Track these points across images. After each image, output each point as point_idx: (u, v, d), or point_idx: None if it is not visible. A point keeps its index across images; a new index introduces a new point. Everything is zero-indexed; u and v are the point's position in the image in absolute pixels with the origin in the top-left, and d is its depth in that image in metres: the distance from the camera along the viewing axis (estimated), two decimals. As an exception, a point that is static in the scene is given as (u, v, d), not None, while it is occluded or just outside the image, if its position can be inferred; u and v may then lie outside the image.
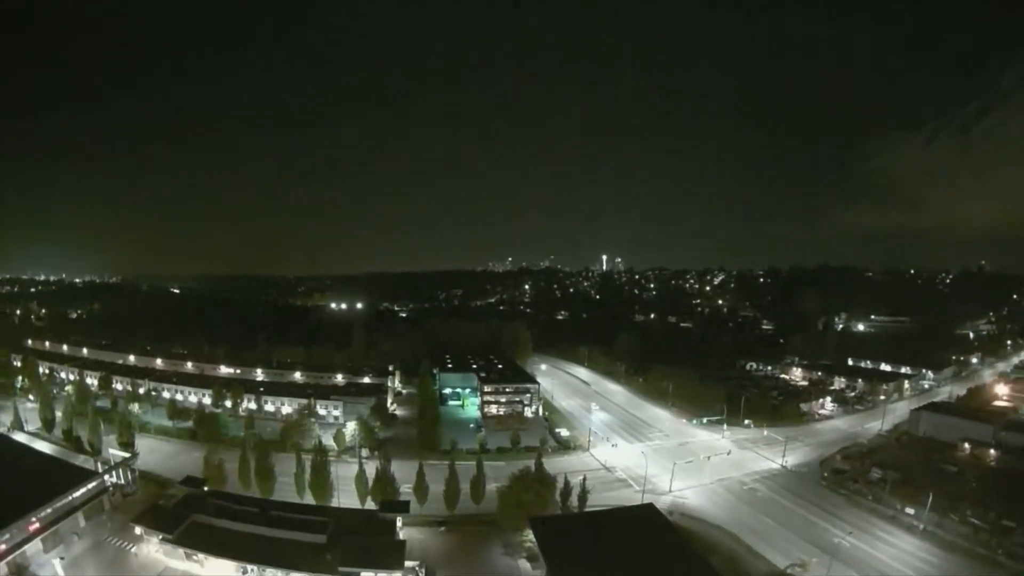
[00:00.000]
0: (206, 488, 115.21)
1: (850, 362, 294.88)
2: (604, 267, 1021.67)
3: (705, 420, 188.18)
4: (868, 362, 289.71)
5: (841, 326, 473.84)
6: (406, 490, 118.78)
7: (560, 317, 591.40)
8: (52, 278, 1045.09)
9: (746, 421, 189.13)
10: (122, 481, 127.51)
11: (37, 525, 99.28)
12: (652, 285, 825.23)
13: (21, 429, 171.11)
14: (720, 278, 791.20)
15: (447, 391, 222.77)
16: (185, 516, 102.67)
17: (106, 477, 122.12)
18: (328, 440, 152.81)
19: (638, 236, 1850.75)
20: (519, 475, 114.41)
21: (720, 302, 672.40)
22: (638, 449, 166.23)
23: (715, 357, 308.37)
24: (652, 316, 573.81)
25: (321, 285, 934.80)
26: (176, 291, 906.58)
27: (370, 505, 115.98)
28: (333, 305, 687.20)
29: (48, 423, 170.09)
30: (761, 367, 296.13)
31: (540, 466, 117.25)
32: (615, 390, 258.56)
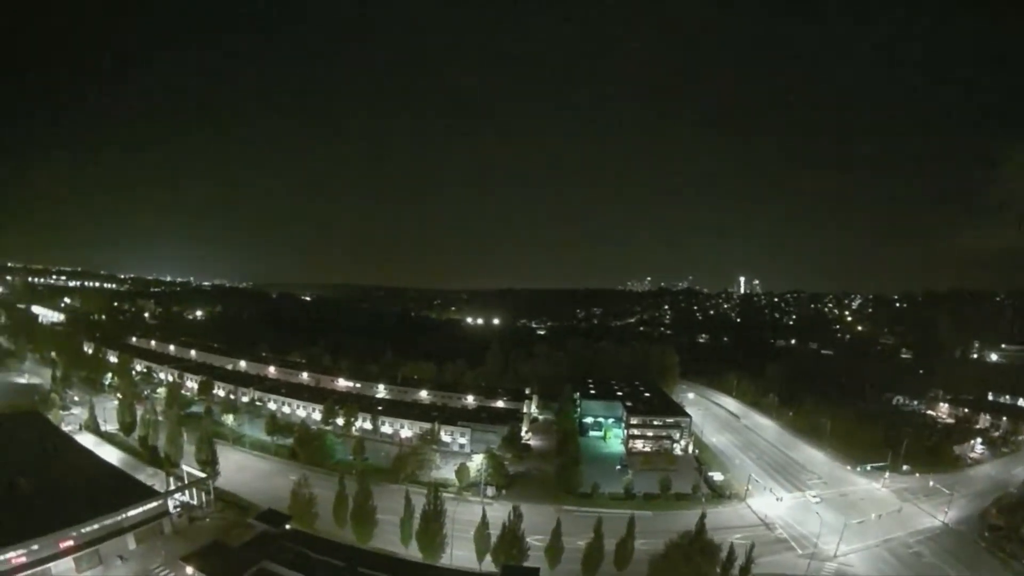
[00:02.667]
0: (288, 527, 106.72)
1: (990, 396, 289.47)
2: (742, 289, 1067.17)
3: (870, 467, 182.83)
4: (1007, 397, 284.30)
5: (975, 355, 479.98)
6: (536, 543, 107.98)
7: (701, 340, 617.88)
8: (178, 280, 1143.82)
9: (904, 467, 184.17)
10: (194, 501, 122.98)
11: (71, 543, 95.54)
12: (791, 309, 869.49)
13: (95, 430, 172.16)
14: (857, 302, 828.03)
15: (588, 420, 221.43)
16: (251, 561, 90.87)
17: (176, 496, 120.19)
18: (449, 472, 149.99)
19: (772, 257, 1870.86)
20: (679, 542, 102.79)
21: (859, 328, 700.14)
22: (797, 499, 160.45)
23: (861, 389, 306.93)
24: (793, 342, 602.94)
25: (457, 299, 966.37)
26: (307, 299, 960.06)
27: (489, 565, 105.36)
28: (469, 320, 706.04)
29: (126, 426, 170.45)
30: (907, 401, 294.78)
31: (702, 530, 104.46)
32: (765, 425, 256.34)
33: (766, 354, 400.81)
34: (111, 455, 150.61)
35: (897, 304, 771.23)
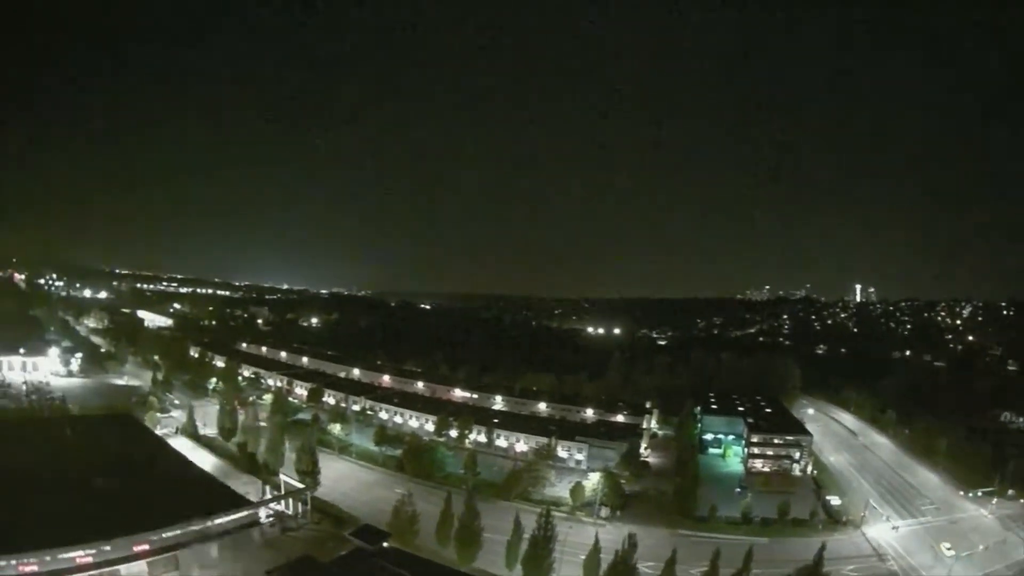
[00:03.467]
0: (385, 544, 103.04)
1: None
2: (858, 297, 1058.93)
3: (980, 492, 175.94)
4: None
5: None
6: (648, 571, 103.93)
7: (819, 352, 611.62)
8: (295, 288, 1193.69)
9: (1010, 491, 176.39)
10: (290, 511, 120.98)
11: (146, 546, 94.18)
12: (906, 317, 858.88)
13: (192, 434, 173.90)
14: (968, 310, 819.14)
15: (708, 436, 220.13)
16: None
17: (271, 506, 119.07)
18: (563, 490, 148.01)
19: (888, 263, 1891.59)
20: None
21: (970, 338, 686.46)
22: (910, 527, 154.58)
23: (969, 406, 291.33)
24: (908, 353, 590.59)
25: (578, 308, 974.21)
26: (426, 307, 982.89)
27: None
28: (589, 329, 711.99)
29: (226, 431, 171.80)
30: (1013, 418, 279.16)
31: (820, 562, 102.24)
32: (881, 443, 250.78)
33: (882, 367, 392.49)
34: (206, 461, 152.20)
35: (1005, 311, 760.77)
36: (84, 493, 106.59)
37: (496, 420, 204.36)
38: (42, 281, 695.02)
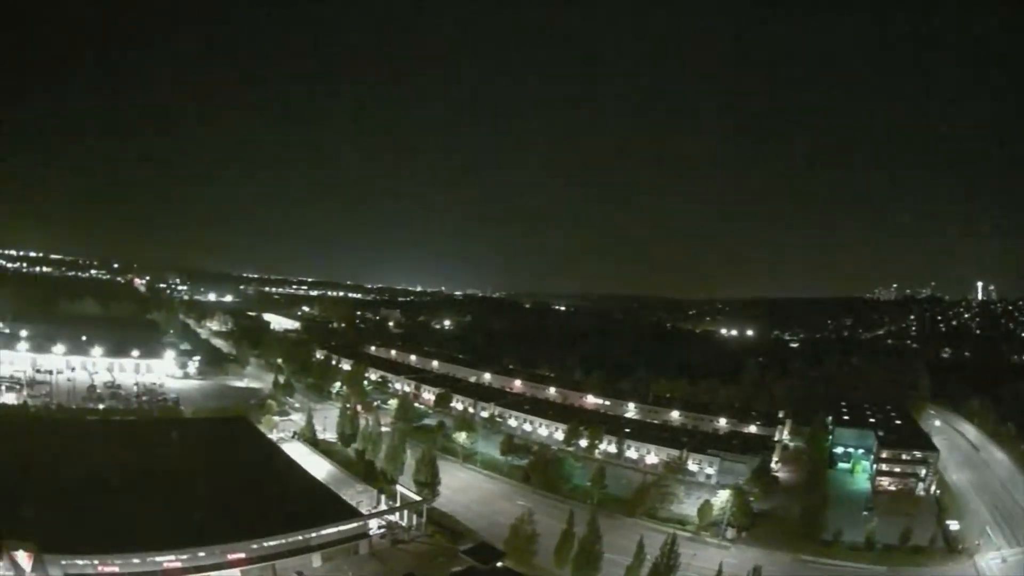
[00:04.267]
0: (500, 564, 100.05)
1: None
2: (980, 295, 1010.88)
3: None
4: None
5: None
6: None
7: (944, 355, 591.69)
8: (428, 289, 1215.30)
9: None
10: (404, 523, 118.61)
11: (242, 555, 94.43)
12: None
13: (310, 439, 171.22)
14: None
15: (838, 450, 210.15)
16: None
17: (386, 517, 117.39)
18: (691, 508, 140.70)
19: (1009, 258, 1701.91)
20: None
21: None
22: (1016, 557, 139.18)
23: None
24: None
25: (712, 309, 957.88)
26: (561, 310, 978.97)
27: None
28: (723, 331, 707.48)
29: (345, 437, 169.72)
30: None
31: None
32: (999, 460, 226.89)
33: (1002, 372, 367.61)
34: (320, 467, 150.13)
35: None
36: (184, 497, 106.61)
37: (628, 430, 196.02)
38: (163, 285, 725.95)
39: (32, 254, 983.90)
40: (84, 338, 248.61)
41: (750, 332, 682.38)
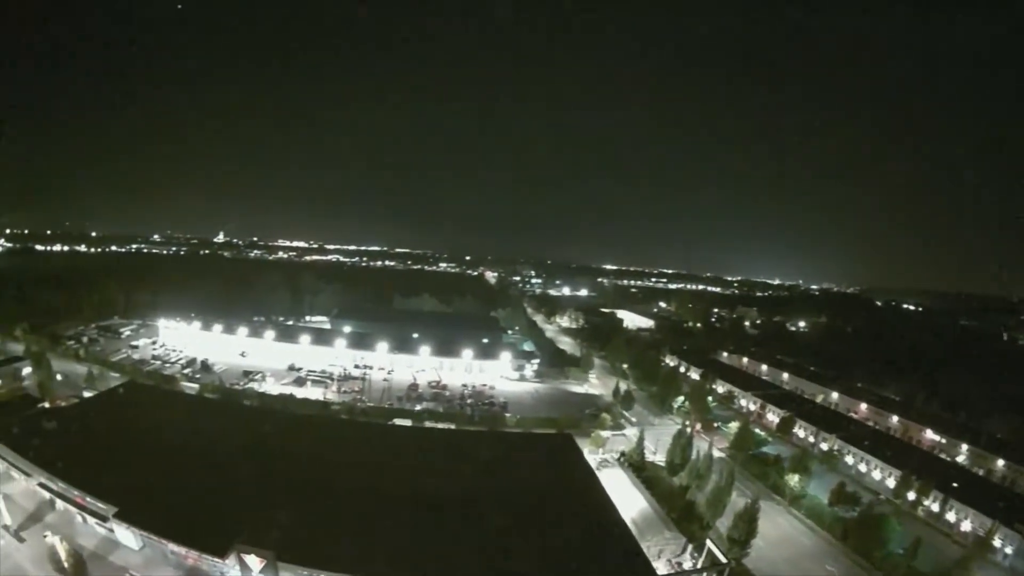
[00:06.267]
0: None
1: None
2: None
3: None
4: None
5: None
6: None
7: None
8: (786, 283, 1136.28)
9: None
10: None
11: None
12: None
13: (637, 463, 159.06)
14: None
15: None
16: None
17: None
18: None
19: None
20: None
21: None
22: None
23: None
24: None
25: None
26: (911, 309, 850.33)
27: None
28: None
29: (674, 467, 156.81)
30: None
31: None
32: None
33: None
34: (635, 502, 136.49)
35: None
36: (456, 527, 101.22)
37: (955, 483, 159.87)
38: (517, 279, 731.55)
39: (374, 248, 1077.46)
40: (415, 336, 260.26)
41: None
